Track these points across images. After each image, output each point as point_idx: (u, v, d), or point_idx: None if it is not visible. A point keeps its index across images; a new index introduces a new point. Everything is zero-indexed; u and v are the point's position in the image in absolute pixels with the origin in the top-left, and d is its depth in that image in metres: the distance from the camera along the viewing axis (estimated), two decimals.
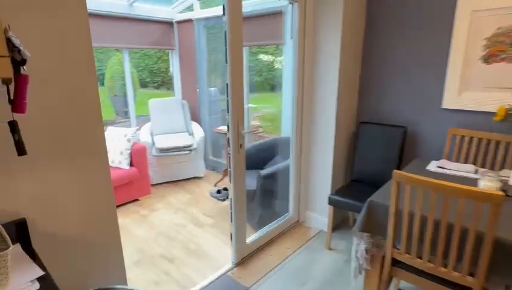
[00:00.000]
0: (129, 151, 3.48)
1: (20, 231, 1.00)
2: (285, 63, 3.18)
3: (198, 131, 4.29)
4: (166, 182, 4.13)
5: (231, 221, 2.28)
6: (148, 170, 3.67)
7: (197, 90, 4.56)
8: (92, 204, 1.34)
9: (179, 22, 4.48)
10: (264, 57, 6.07)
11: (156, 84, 9.04)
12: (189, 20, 4.31)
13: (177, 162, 4.03)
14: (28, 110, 1.04)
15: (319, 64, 2.57)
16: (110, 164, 3.46)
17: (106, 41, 3.88)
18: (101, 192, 1.36)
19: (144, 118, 4.62)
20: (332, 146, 2.62)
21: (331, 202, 2.47)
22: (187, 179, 4.24)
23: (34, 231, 1.07)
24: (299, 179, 2.88)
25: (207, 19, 4.18)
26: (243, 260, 2.42)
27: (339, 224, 2.95)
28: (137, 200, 3.62)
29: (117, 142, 3.47)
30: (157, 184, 4.07)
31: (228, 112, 2.07)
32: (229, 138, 2.11)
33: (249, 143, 3.98)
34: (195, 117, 4.63)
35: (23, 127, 1.05)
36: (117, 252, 1.46)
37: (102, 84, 5.29)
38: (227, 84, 2.02)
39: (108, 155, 3.61)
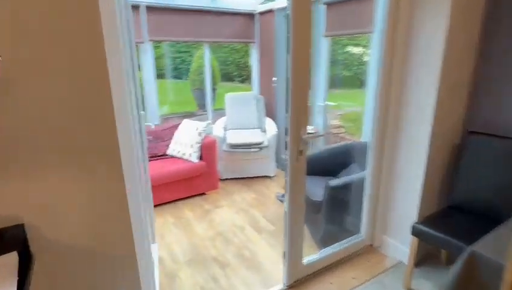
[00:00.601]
0: (199, 145, 3.48)
1: (17, 237, 0.93)
2: (372, 54, 2.66)
3: (271, 128, 4.07)
4: (235, 178, 4.05)
5: (285, 237, 1.98)
6: (216, 164, 3.63)
7: (274, 85, 4.32)
8: (101, 215, 1.18)
9: (260, 14, 4.30)
10: (353, 49, 5.46)
11: (241, 78, 9.20)
12: (270, 11, 4.08)
13: (246, 159, 3.90)
14: (26, 108, 0.94)
15: (412, 57, 2.02)
16: (181, 156, 3.53)
17: (188, 35, 3.96)
18: (112, 202, 1.18)
19: (222, 111, 4.63)
20: (425, 160, 2.05)
21: (415, 232, 1.93)
22: (256, 177, 4.08)
23: (34, 237, 1.00)
24: (377, 196, 2.38)
25: None
26: (297, 283, 2.10)
27: (425, 257, 2.34)
28: (204, 194, 3.62)
29: (189, 135, 3.51)
30: (226, 179, 4.02)
31: (287, 111, 1.76)
32: (286, 142, 1.80)
33: (324, 146, 3.57)
34: (270, 113, 4.42)
35: (18, 125, 0.96)
36: (131, 270, 1.30)
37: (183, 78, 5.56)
38: (287, 78, 1.71)
39: (180, 147, 3.75)
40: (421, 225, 1.91)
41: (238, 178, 4.05)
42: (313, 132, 3.50)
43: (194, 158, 3.45)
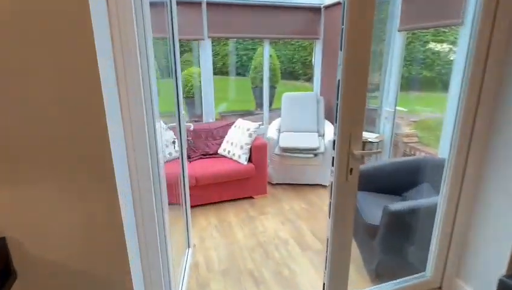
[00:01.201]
0: (249, 147, 3.32)
1: None
2: (459, 51, 2.15)
3: (330, 132, 3.71)
4: (286, 184, 3.80)
5: (326, 267, 1.68)
6: (266, 168, 3.43)
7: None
8: (91, 237, 1.02)
9: (326, 7, 3.94)
10: (436, 46, 4.71)
11: (306, 76, 8.83)
12: (338, 4, 3.70)
13: (300, 164, 3.61)
14: (5, 113, 0.83)
15: None
16: (230, 156, 3.42)
17: (248, 32, 3.82)
18: (106, 222, 1.02)
19: (280, 111, 4.40)
20: None
21: (503, 288, 1.45)
22: (309, 185, 3.77)
23: (17, 254, 0.90)
24: (451, 228, 1.90)
25: None
26: None
27: None
28: (251, 198, 3.46)
29: (240, 136, 3.37)
30: (276, 184, 3.80)
31: (336, 121, 1.46)
32: (333, 158, 1.50)
33: (389, 156, 3.11)
34: (330, 116, 4.05)
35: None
36: None
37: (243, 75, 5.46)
38: (338, 80, 1.40)
39: (230, 147, 3.62)
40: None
41: (289, 184, 3.79)
42: (376, 140, 3.06)
43: (243, 160, 3.30)
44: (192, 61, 4.86)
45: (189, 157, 3.52)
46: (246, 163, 3.30)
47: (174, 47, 1.84)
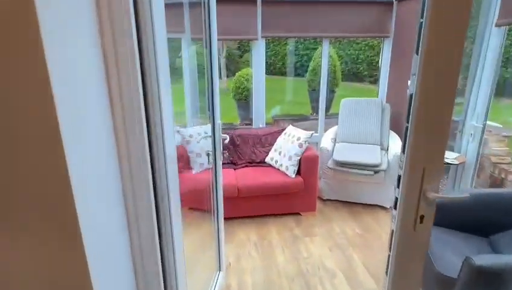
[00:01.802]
0: (298, 158, 2.99)
1: None
2: None
3: (396, 146, 3.18)
4: (339, 201, 3.37)
5: None
6: (317, 183, 3.06)
7: (408, 90, 3.36)
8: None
9: (399, 1, 3.39)
10: None
11: (372, 78, 8.08)
12: None
13: (356, 181, 3.17)
14: None
15: None
16: (278, 167, 3.13)
17: (305, 30, 3.47)
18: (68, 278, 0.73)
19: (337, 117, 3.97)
20: None
21: None
22: (366, 205, 3.29)
23: None
24: None
25: None
26: None
27: None
28: (298, 214, 3.13)
29: (290, 145, 3.06)
30: (327, 200, 3.40)
31: (404, 150, 1.08)
32: (397, 199, 1.11)
33: (472, 185, 2.52)
34: (397, 126, 3.49)
35: None
36: None
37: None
38: (410, 94, 1.02)
39: (278, 157, 3.27)
40: None
41: (342, 202, 3.36)
42: (455, 162, 2.48)
43: (291, 172, 2.98)
44: (251, 62, 4.69)
45: (235, 164, 3.33)
46: (293, 176, 2.98)
47: (211, 48, 1.62)
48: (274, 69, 9.43)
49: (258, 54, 3.52)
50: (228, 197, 2.84)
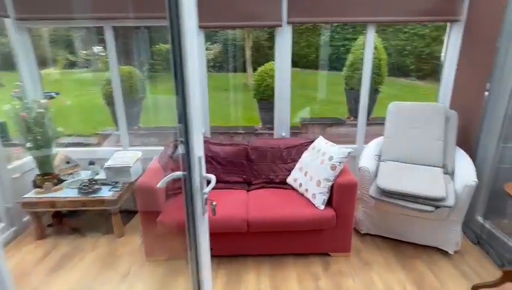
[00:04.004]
0: (330, 184, 2.25)
1: None
2: None
3: (466, 170, 2.33)
4: (382, 237, 2.59)
5: None
6: (352, 218, 2.30)
7: (485, 93, 2.48)
8: None
9: None
10: None
11: (421, 73, 6.97)
12: None
13: (408, 215, 2.37)
14: None
15: None
16: (302, 191, 2.41)
17: (342, 14, 2.67)
18: None
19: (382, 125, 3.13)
20: None
21: None
22: (421, 246, 2.48)
23: None
24: None
25: None
26: None
27: None
28: (327, 255, 2.40)
29: (319, 165, 2.32)
30: (366, 235, 2.63)
31: None
32: None
33: None
34: (466, 141, 2.62)
35: None
36: None
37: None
38: None
39: (303, 179, 2.35)
40: None
41: (387, 239, 2.58)
42: None
43: (320, 202, 2.25)
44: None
45: (249, 184, 2.66)
46: (323, 207, 2.25)
47: (179, 31, 0.93)
48: (307, 62, 8.58)
49: (283, 44, 2.78)
50: (234, 232, 2.18)
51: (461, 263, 2.30)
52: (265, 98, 3.68)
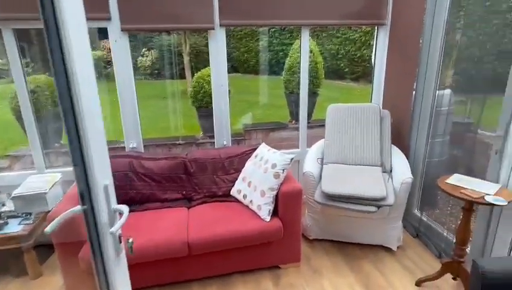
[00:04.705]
0: (274, 193, 2.14)
1: None
2: None
3: (401, 167, 2.41)
4: (330, 241, 2.57)
5: None
6: (300, 226, 2.22)
7: (413, 92, 2.61)
8: None
9: None
10: None
11: (354, 75, 7.38)
12: None
13: (353, 216, 2.36)
14: None
15: None
16: (247, 203, 2.27)
17: (277, 17, 2.61)
18: None
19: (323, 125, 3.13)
20: None
21: None
22: (365, 245, 2.50)
23: None
24: None
25: None
26: None
27: None
28: (277, 267, 2.28)
29: (262, 174, 2.20)
30: (314, 240, 2.58)
31: None
32: None
33: None
34: (400, 139, 2.73)
35: None
36: None
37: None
38: None
39: (247, 190, 2.14)
40: None
41: (334, 242, 2.56)
42: (500, 201, 1.70)
43: (265, 213, 2.13)
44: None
45: (189, 200, 2.44)
46: (269, 218, 2.12)
47: (58, 31, 0.71)
48: (248, 67, 8.57)
49: (218, 48, 2.63)
50: (174, 258, 1.94)
51: (404, 258, 2.35)
52: (204, 105, 3.49)
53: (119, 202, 2.20)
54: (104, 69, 6.17)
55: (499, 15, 2.74)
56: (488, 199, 1.68)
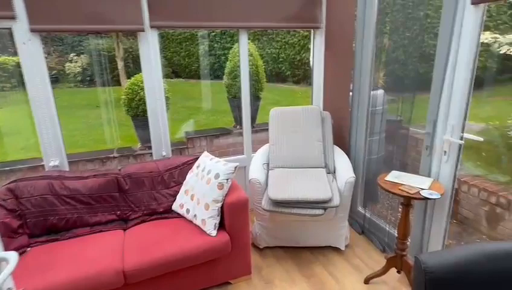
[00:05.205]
0: (219, 205, 2.01)
1: None
2: None
3: (344, 167, 2.45)
4: (280, 248, 2.51)
5: None
6: (249, 237, 2.12)
7: (350, 93, 2.69)
8: None
9: None
10: None
11: (295, 78, 7.58)
12: None
13: (302, 220, 2.33)
14: None
15: None
16: (191, 218, 2.10)
17: (212, 19, 2.50)
18: None
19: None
20: None
21: None
22: (316, 248, 2.49)
23: None
24: None
25: None
26: None
27: None
28: (227, 283, 2.15)
29: (205, 185, 2.05)
30: (266, 248, 2.50)
31: None
32: None
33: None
34: (341, 139, 2.79)
35: None
36: None
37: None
38: None
39: (190, 204, 1.89)
40: None
41: (285, 248, 2.51)
42: (434, 195, 1.77)
43: (211, 228, 1.98)
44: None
45: (126, 221, 2.18)
46: (215, 233, 1.98)
47: None
48: (190, 72, 8.31)
49: (149, 51, 2.41)
50: None
51: (352, 256, 2.39)
52: (140, 113, 3.22)
53: (39, 231, 1.87)
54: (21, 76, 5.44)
55: (417, 21, 2.96)
56: (424, 193, 1.76)
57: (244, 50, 2.73)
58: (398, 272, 2.08)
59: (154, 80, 2.48)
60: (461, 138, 1.83)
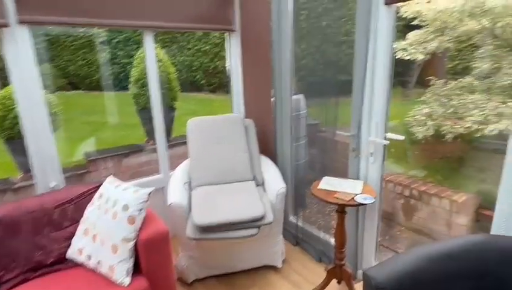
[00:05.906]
0: (131, 245, 1.59)
1: None
2: None
3: (273, 177, 2.28)
4: (214, 277, 2.19)
5: None
6: (173, 275, 1.75)
7: (272, 99, 2.55)
8: None
9: None
10: None
11: (211, 86, 7.34)
12: None
13: (234, 242, 2.06)
14: None
15: None
16: (94, 266, 1.63)
17: (107, 15, 2.07)
18: None
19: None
20: None
21: None
22: (251, 270, 2.25)
23: None
24: None
25: None
26: None
27: None
28: None
29: (111, 221, 1.60)
30: (195, 282, 2.15)
31: None
32: None
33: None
34: (267, 148, 2.63)
35: None
36: None
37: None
38: None
39: (92, 247, 1.36)
40: None
41: (220, 276, 2.20)
42: (368, 200, 1.71)
43: (122, 275, 1.55)
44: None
45: None
46: (128, 280, 1.56)
47: None
48: (91, 83, 7.29)
49: (20, 54, 1.85)
50: None
51: (290, 273, 2.22)
52: (17, 135, 2.50)
53: None
54: None
55: (320, 30, 3.03)
56: (358, 199, 1.68)
57: (150, 54, 2.36)
58: (339, 282, 1.98)
59: (31, 92, 1.91)
60: (385, 138, 1.84)
